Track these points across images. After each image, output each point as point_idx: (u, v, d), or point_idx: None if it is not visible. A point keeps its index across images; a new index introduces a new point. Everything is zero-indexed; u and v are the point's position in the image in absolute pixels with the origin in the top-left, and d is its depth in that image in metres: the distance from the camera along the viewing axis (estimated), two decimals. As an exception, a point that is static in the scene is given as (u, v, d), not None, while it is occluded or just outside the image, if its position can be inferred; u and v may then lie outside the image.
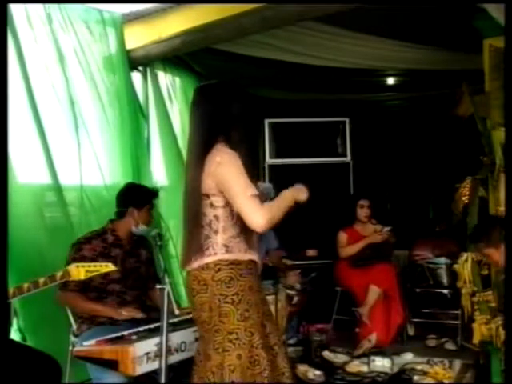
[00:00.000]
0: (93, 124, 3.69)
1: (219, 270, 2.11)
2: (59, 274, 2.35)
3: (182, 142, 4.44)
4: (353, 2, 3.32)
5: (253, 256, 2.19)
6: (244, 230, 2.16)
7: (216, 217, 2.15)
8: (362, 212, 4.63)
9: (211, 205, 2.15)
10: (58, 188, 3.38)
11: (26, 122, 3.23)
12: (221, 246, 2.13)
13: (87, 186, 3.56)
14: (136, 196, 3.09)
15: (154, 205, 3.17)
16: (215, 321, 2.12)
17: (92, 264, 2.42)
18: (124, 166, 3.86)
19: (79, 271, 2.33)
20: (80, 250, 2.89)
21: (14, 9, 3.18)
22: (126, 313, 2.81)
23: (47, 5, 3.42)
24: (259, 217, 2.04)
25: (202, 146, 2.18)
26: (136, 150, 3.94)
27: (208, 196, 2.15)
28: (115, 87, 3.86)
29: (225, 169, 2.10)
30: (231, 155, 2.12)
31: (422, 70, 4.88)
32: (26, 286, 2.30)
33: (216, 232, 2.14)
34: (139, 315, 2.81)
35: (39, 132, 3.27)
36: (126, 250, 3.05)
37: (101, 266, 2.40)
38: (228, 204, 2.13)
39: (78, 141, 3.54)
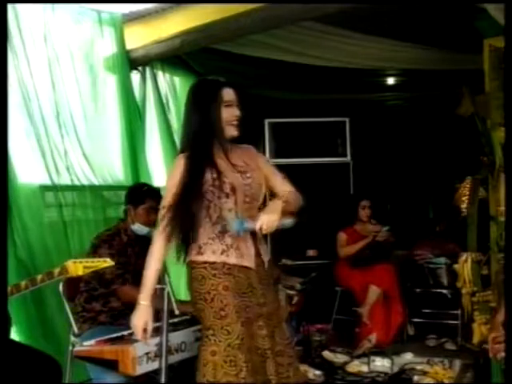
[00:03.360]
0: (92, 124, 3.68)
1: (193, 268, 2.21)
2: (57, 270, 2.31)
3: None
4: (353, 2, 3.32)
5: (230, 259, 2.18)
6: (224, 231, 2.19)
7: (198, 216, 2.22)
8: (364, 212, 4.63)
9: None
10: (57, 188, 3.38)
11: (23, 122, 3.23)
12: (195, 247, 2.21)
13: (86, 186, 3.56)
14: (131, 194, 3.11)
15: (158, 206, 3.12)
16: (197, 315, 2.24)
17: (90, 260, 2.39)
18: (123, 166, 3.86)
19: (77, 267, 2.29)
20: (104, 247, 2.89)
21: (10, 9, 3.14)
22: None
23: (46, 4, 3.41)
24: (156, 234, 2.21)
25: (181, 144, 2.35)
26: (135, 150, 3.94)
27: None
28: (115, 87, 3.86)
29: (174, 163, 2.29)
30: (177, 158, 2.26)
31: (422, 70, 4.88)
32: (23, 283, 2.29)
33: (198, 231, 2.22)
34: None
35: (36, 133, 3.28)
36: (137, 250, 3.03)
37: (98, 261, 2.36)
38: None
39: (79, 141, 3.54)
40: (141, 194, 3.08)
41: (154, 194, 3.11)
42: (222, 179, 2.18)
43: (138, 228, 3.02)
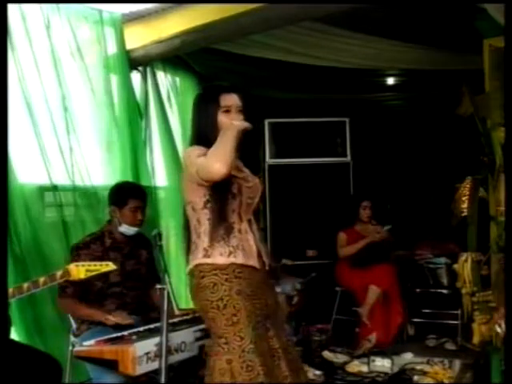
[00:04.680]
0: (92, 124, 3.68)
1: (203, 276, 2.15)
2: (59, 273, 2.33)
3: (181, 142, 4.45)
4: (353, 2, 3.32)
5: (238, 259, 2.17)
6: (228, 232, 2.18)
7: (198, 220, 2.20)
8: (365, 213, 4.64)
9: (193, 209, 2.21)
10: (57, 188, 3.37)
11: (22, 121, 3.21)
12: (201, 250, 2.17)
13: (86, 186, 3.55)
14: (114, 195, 3.04)
15: (144, 205, 3.06)
16: (207, 325, 2.19)
17: (92, 263, 2.40)
18: (123, 166, 3.85)
19: (79, 270, 2.32)
20: (78, 256, 2.85)
21: (11, 9, 3.13)
22: (113, 318, 2.73)
23: (46, 4, 3.41)
24: (212, 164, 2.03)
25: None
26: (135, 150, 3.93)
27: (189, 201, 2.21)
28: (115, 87, 3.86)
29: (191, 160, 2.15)
30: (191, 150, 2.20)
31: (422, 70, 4.88)
32: (25, 285, 2.28)
33: (199, 236, 2.20)
34: (126, 321, 2.72)
35: (35, 132, 3.26)
36: (125, 252, 3.01)
37: (101, 265, 2.39)
38: (206, 206, 2.18)
39: (78, 141, 3.54)
40: (123, 194, 3.01)
41: (137, 193, 3.06)
42: (231, 179, 2.17)
43: (126, 229, 2.98)
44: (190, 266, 2.20)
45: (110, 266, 2.39)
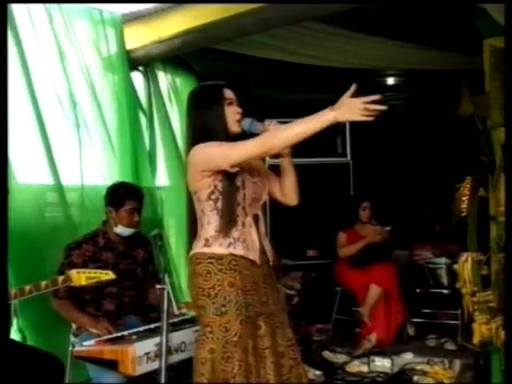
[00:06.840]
0: (93, 124, 3.68)
1: (199, 263, 2.17)
2: (61, 278, 2.39)
3: (182, 142, 4.45)
4: (353, 2, 3.32)
5: (237, 251, 2.17)
6: (230, 224, 2.18)
7: (202, 211, 2.22)
8: (365, 213, 4.64)
9: (198, 200, 2.23)
10: (58, 188, 3.37)
11: (27, 121, 3.22)
12: (202, 240, 2.19)
13: (88, 186, 3.56)
14: (110, 195, 3.04)
15: (141, 206, 3.05)
16: (196, 312, 2.20)
17: (92, 271, 2.46)
18: (124, 166, 3.86)
19: (80, 277, 2.38)
20: (69, 256, 2.86)
21: (16, 9, 3.17)
22: (95, 330, 2.70)
23: (48, 5, 3.42)
24: (271, 138, 2.21)
25: (187, 146, 2.29)
26: (136, 150, 3.94)
27: (195, 191, 2.22)
28: (115, 87, 3.86)
29: (200, 150, 2.16)
30: (202, 144, 2.18)
31: (422, 70, 4.88)
32: (27, 288, 2.32)
33: (202, 226, 2.22)
34: (107, 333, 2.67)
35: (41, 132, 3.26)
36: (119, 252, 3.01)
37: (101, 273, 2.45)
38: (210, 197, 2.18)
39: (79, 141, 3.54)
40: (120, 195, 3.00)
41: (134, 194, 3.04)
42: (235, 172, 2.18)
43: (122, 230, 2.98)
44: (190, 255, 2.22)
45: (109, 275, 2.45)
